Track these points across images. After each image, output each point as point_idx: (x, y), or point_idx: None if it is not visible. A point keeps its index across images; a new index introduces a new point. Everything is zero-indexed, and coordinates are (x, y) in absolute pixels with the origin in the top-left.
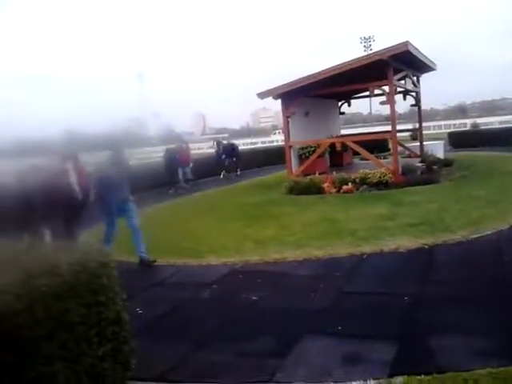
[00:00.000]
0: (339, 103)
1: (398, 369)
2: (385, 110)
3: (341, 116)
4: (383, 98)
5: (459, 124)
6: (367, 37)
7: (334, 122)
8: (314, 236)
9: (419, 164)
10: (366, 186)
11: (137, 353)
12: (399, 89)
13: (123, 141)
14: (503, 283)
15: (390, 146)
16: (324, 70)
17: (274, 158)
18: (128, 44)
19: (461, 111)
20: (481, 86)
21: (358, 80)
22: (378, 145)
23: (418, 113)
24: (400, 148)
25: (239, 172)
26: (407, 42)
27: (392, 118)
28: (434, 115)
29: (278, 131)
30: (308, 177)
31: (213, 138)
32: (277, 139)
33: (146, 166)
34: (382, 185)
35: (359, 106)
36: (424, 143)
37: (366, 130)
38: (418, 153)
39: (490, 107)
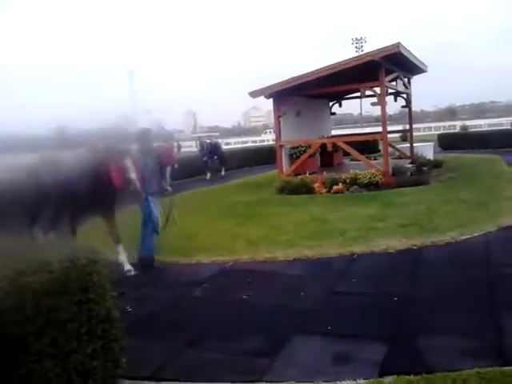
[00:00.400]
0: (330, 103)
1: (388, 369)
2: (375, 111)
3: (332, 116)
4: (374, 99)
5: (449, 126)
6: (359, 38)
7: (325, 123)
8: (305, 236)
9: (409, 165)
10: (357, 187)
11: (127, 351)
12: (390, 90)
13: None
14: (491, 284)
15: (381, 147)
16: (316, 70)
17: (265, 158)
18: (119, 40)
19: (450, 113)
20: (470, 89)
21: (350, 81)
22: (369, 146)
23: (409, 114)
24: (390, 149)
25: (223, 172)
26: (399, 44)
27: (383, 119)
28: (424, 117)
29: (269, 130)
30: (299, 177)
31: (196, 138)
32: (267, 138)
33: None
34: (372, 185)
35: (350, 107)
36: (414, 145)
37: (357, 131)
38: (408, 154)
39: (479, 110)
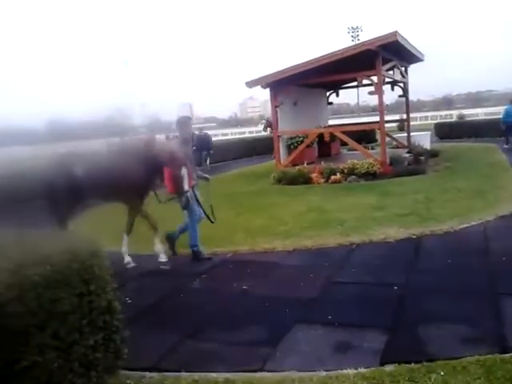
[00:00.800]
0: (327, 93)
1: (389, 357)
2: (372, 101)
3: (329, 106)
4: (371, 89)
5: (445, 115)
6: (355, 27)
7: (323, 112)
8: (304, 226)
9: (406, 155)
10: (354, 177)
11: (128, 342)
12: (387, 79)
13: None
14: (490, 273)
15: (378, 137)
16: (313, 60)
17: (262, 148)
18: (115, 30)
19: (447, 102)
20: (467, 78)
21: (347, 70)
22: (366, 135)
23: (406, 103)
24: (387, 139)
25: (208, 165)
26: (396, 32)
27: (380, 109)
28: (421, 106)
29: (264, 121)
30: (296, 167)
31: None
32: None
33: None
34: (370, 175)
35: (347, 97)
36: (411, 134)
37: (354, 121)
38: (405, 143)
39: (476, 99)
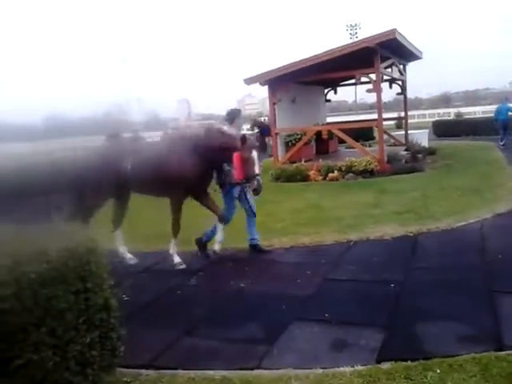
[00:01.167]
0: (325, 90)
1: (386, 355)
2: (370, 99)
3: (327, 103)
4: (369, 86)
5: (443, 113)
6: (353, 24)
7: (320, 110)
8: (301, 223)
9: (404, 152)
10: (352, 174)
11: (125, 339)
12: (386, 77)
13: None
14: (487, 270)
15: (375, 135)
16: (311, 57)
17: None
18: (112, 26)
19: (445, 100)
20: (465, 76)
21: (345, 67)
22: (363, 133)
23: (404, 101)
24: (385, 136)
25: None
26: (395, 30)
27: (378, 106)
28: (419, 104)
29: (264, 118)
30: (294, 164)
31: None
32: None
33: None
34: (368, 173)
35: (344, 94)
36: (409, 132)
37: (352, 118)
38: (403, 141)
39: (474, 97)
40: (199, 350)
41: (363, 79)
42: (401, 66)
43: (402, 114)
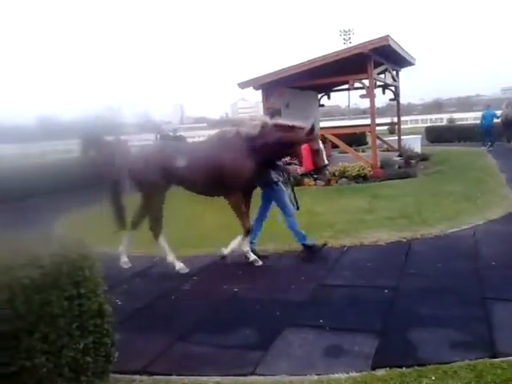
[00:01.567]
0: (319, 96)
1: (380, 361)
2: (363, 104)
3: (320, 108)
4: (363, 92)
5: (436, 119)
6: (347, 30)
7: (314, 115)
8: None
9: (397, 158)
10: (345, 179)
11: (118, 345)
12: (379, 83)
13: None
14: (480, 277)
15: (368, 140)
16: (305, 62)
17: None
18: (105, 29)
19: (437, 106)
20: (457, 83)
21: (339, 73)
22: (356, 138)
23: (397, 107)
24: (378, 142)
25: None
26: (388, 36)
27: (371, 112)
28: (411, 110)
29: None
30: None
31: (158, 130)
32: None
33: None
34: (361, 178)
35: (337, 99)
36: (402, 137)
37: (345, 123)
38: (396, 147)
39: (466, 103)
40: (193, 356)
41: (356, 85)
42: (394, 72)
43: (395, 120)
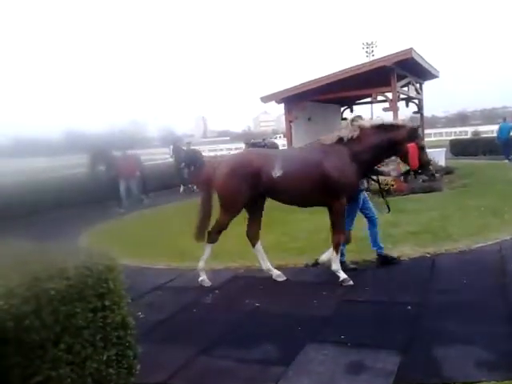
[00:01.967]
0: (342, 109)
1: (403, 379)
2: (386, 116)
3: (342, 121)
4: (386, 105)
5: (460, 132)
6: (369, 42)
7: (336, 128)
8: (317, 243)
9: None
10: (368, 193)
11: (141, 358)
12: (402, 95)
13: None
14: (506, 293)
15: None
16: (327, 76)
17: None
18: (130, 44)
19: (462, 119)
20: (482, 95)
21: (361, 86)
22: None
23: (420, 120)
24: None
25: None
26: (411, 49)
27: None
28: (435, 122)
29: (279, 135)
30: None
31: (171, 142)
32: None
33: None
34: (385, 191)
35: (360, 112)
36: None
37: None
38: None
39: (491, 115)
40: (214, 370)
41: (380, 98)
42: (417, 85)
43: None
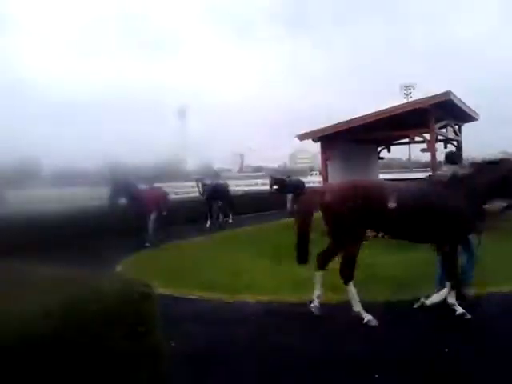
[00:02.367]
0: (378, 148)
1: None
2: (423, 157)
3: (379, 161)
4: (423, 145)
5: None
6: (407, 85)
7: (373, 168)
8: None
9: None
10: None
11: None
12: (440, 137)
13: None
14: None
15: None
16: (364, 116)
17: None
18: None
19: None
20: None
21: (399, 127)
22: None
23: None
24: None
25: (231, 219)
26: (449, 92)
27: (432, 167)
28: None
29: (316, 172)
30: None
31: (196, 178)
32: (313, 180)
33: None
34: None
35: (397, 151)
36: None
37: (405, 176)
38: None
39: None
40: None
41: (417, 138)
42: (456, 127)
43: None
